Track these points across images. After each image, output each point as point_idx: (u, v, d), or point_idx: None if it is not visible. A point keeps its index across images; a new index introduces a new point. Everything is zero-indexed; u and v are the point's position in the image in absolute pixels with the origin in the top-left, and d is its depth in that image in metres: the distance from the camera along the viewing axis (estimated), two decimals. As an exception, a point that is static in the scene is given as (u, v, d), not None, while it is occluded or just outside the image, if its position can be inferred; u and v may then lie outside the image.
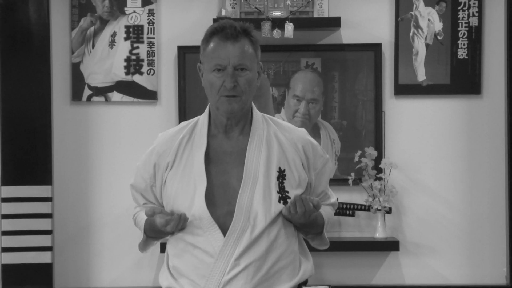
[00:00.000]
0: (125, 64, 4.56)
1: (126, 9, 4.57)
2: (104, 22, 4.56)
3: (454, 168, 4.60)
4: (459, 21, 4.53)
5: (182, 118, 4.44)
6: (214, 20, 4.26)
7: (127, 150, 4.56)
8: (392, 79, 4.57)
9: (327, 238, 2.61)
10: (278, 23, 4.33)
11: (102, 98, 4.57)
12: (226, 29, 2.45)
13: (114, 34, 4.56)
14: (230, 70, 2.44)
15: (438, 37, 4.54)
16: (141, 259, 4.52)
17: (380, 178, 4.46)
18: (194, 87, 4.53)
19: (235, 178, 2.44)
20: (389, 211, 4.44)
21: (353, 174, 4.47)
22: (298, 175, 2.49)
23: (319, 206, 2.44)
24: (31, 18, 4.40)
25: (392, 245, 4.45)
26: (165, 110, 4.58)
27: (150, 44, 4.56)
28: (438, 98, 4.57)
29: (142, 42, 4.57)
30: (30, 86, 4.41)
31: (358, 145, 4.53)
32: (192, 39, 4.42)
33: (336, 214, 4.01)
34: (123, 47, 4.56)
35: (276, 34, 4.31)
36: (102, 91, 4.57)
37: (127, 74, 4.56)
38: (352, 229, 4.56)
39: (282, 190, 2.45)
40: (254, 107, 2.56)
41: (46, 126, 4.43)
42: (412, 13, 4.53)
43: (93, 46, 4.55)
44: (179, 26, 4.56)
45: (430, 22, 4.53)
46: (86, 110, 4.59)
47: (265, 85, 4.27)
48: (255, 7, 4.40)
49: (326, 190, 2.65)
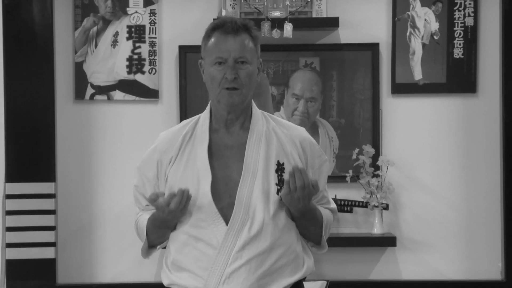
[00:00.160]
0: (127, 63, 4.56)
1: (128, 9, 4.57)
2: (106, 22, 4.56)
3: (450, 165, 4.59)
4: (455, 21, 4.53)
5: (183, 116, 4.44)
6: (214, 20, 4.27)
7: (129, 148, 4.55)
8: (389, 78, 4.56)
9: (326, 241, 2.59)
10: (278, 23, 4.33)
11: (104, 97, 4.57)
12: (227, 23, 2.46)
13: (116, 34, 4.56)
14: (231, 62, 2.43)
15: (435, 36, 4.53)
16: (143, 255, 4.56)
17: (377, 175, 4.46)
18: (195, 86, 4.52)
19: (236, 171, 2.44)
20: (386, 208, 4.45)
21: (351, 171, 4.47)
22: None
23: (317, 187, 2.41)
24: (35, 18, 4.39)
25: (389, 241, 4.45)
26: (166, 109, 4.58)
27: (152, 43, 4.56)
28: (435, 96, 4.56)
29: (144, 42, 4.57)
30: (34, 85, 4.41)
31: (355, 143, 4.53)
32: (193, 39, 4.41)
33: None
34: (125, 47, 4.56)
35: (275, 34, 4.32)
36: (104, 90, 4.57)
37: (129, 73, 4.56)
38: (350, 225, 4.55)
39: (281, 182, 2.43)
40: (254, 104, 2.55)
41: (50, 124, 4.43)
42: (409, 13, 4.53)
43: (96, 46, 4.55)
44: (180, 26, 4.56)
45: (426, 22, 4.53)
46: (89, 109, 4.58)
47: (264, 84, 4.24)
48: (255, 8, 4.40)
49: (325, 192, 2.62)
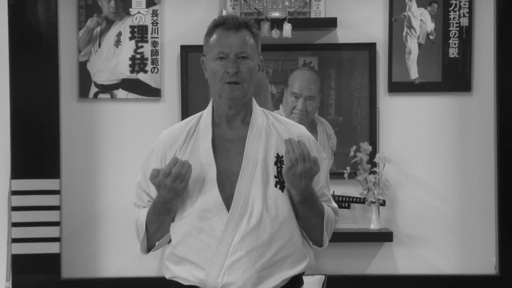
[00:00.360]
0: (130, 62, 4.57)
1: (131, 10, 4.58)
2: (110, 23, 4.57)
3: (446, 162, 4.59)
4: (450, 21, 4.54)
5: (185, 114, 4.45)
6: (214, 20, 4.31)
7: (132, 145, 4.56)
8: (386, 77, 4.57)
9: (327, 237, 2.58)
10: (277, 24, 4.34)
11: (108, 95, 4.59)
12: (228, 20, 2.49)
13: (119, 34, 4.57)
14: (232, 57, 2.46)
15: (430, 36, 4.55)
16: (145, 250, 4.58)
17: (374, 172, 4.47)
18: (197, 85, 4.54)
19: (237, 164, 2.46)
20: (383, 204, 4.46)
21: (348, 168, 4.49)
22: None
23: (318, 164, 2.40)
24: (40, 18, 4.40)
25: (386, 236, 4.46)
26: (168, 107, 4.59)
27: (154, 43, 4.57)
28: (430, 95, 4.57)
29: (147, 42, 4.58)
30: (39, 83, 4.41)
31: (353, 140, 4.55)
32: (194, 39, 4.45)
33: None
34: (128, 47, 4.58)
35: (274, 34, 4.33)
36: (108, 89, 4.58)
37: (132, 72, 4.58)
38: (347, 220, 4.56)
39: (280, 174, 2.45)
40: (254, 101, 2.57)
41: (54, 122, 4.44)
42: (405, 13, 4.54)
43: (99, 46, 4.56)
44: (182, 26, 4.57)
45: (422, 22, 4.54)
46: (92, 107, 4.60)
47: (264, 82, 4.22)
48: (255, 8, 4.41)
49: (325, 190, 2.60)
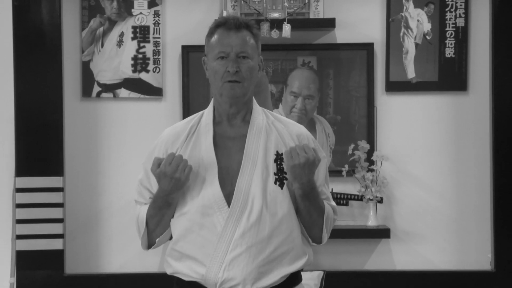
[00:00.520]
0: (132, 62, 4.60)
1: (133, 10, 4.60)
2: (112, 23, 4.59)
3: (442, 160, 4.61)
4: (447, 21, 4.56)
5: (186, 113, 4.47)
6: (215, 20, 4.33)
7: (134, 143, 4.58)
8: (383, 77, 4.58)
9: (326, 234, 2.58)
10: (276, 24, 4.36)
11: (110, 95, 4.61)
12: (229, 21, 2.51)
13: (122, 34, 4.59)
14: (233, 56, 2.47)
15: (427, 37, 4.57)
16: (147, 246, 4.60)
17: (372, 170, 4.49)
18: (197, 84, 4.55)
19: (237, 161, 2.47)
20: (380, 201, 4.49)
21: (346, 166, 4.50)
22: None
23: (318, 156, 2.43)
24: (44, 19, 4.42)
25: (383, 232, 4.47)
26: (169, 106, 4.60)
27: (156, 43, 4.59)
28: (427, 94, 4.59)
29: (148, 42, 4.60)
30: (43, 83, 4.44)
31: (351, 138, 4.57)
32: (195, 39, 4.47)
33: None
34: (130, 47, 4.59)
35: (274, 34, 4.35)
36: (110, 88, 4.60)
37: (134, 72, 4.60)
38: (345, 217, 4.57)
39: (280, 171, 2.47)
40: (255, 101, 2.59)
41: (58, 121, 4.46)
42: (402, 14, 4.56)
43: (102, 46, 4.58)
44: (183, 27, 4.59)
45: (419, 22, 4.56)
46: (95, 106, 4.62)
47: (264, 82, 4.13)
48: (255, 9, 4.43)
49: (324, 188, 2.60)
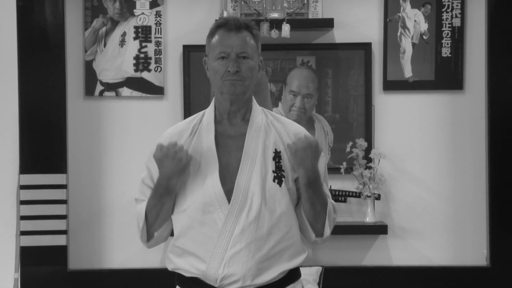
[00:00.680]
0: (134, 61, 4.63)
1: (135, 11, 4.64)
2: (115, 23, 4.63)
3: (439, 157, 4.64)
4: (443, 22, 4.61)
5: (187, 111, 4.52)
6: (216, 21, 4.37)
7: (136, 141, 4.61)
8: (381, 76, 4.63)
9: (328, 227, 2.54)
10: (276, 24, 4.39)
11: (113, 93, 4.64)
12: (230, 21, 2.52)
13: (124, 34, 4.63)
14: (233, 56, 2.48)
15: (424, 36, 4.62)
16: (149, 242, 4.62)
17: (370, 167, 4.53)
18: (198, 83, 4.57)
19: (237, 159, 2.48)
20: (378, 198, 4.53)
21: (345, 163, 4.54)
22: None
23: (319, 148, 2.43)
24: (47, 19, 4.46)
25: (381, 229, 4.51)
26: (171, 104, 4.63)
27: (158, 43, 4.63)
28: (424, 93, 4.63)
29: (150, 42, 4.63)
30: (46, 82, 4.47)
31: (349, 136, 4.60)
32: (196, 39, 4.50)
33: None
34: (133, 46, 4.63)
35: (273, 34, 4.39)
36: (113, 87, 4.64)
37: (136, 71, 4.63)
38: (344, 214, 4.60)
39: (279, 169, 2.48)
40: (254, 100, 2.58)
41: (61, 119, 4.49)
42: (399, 14, 4.61)
43: (104, 45, 4.62)
44: (184, 27, 4.62)
45: (416, 23, 4.60)
46: (98, 105, 4.65)
47: (264, 81, 4.00)
48: (255, 9, 4.47)
49: (323, 187, 2.56)
